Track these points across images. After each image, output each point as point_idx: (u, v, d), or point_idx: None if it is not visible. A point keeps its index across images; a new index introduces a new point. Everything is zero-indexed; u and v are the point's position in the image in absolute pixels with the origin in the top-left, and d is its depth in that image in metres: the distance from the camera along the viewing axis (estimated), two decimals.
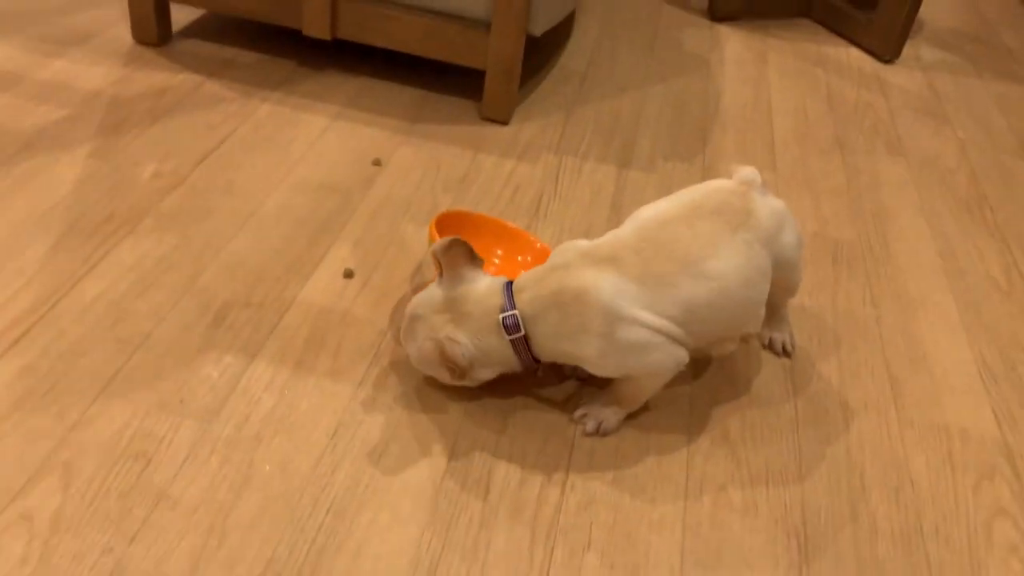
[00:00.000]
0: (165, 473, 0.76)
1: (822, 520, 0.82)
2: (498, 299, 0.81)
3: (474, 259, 0.83)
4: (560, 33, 1.68)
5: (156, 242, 1.01)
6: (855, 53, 1.81)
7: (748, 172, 0.89)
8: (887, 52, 1.77)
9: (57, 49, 1.35)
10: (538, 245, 1.01)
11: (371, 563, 0.72)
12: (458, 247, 0.82)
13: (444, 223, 0.95)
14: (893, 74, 1.74)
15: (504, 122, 1.35)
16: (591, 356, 0.80)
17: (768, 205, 0.88)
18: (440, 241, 0.82)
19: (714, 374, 0.96)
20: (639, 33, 1.74)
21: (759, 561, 0.77)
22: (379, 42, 1.33)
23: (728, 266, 0.83)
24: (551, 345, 0.81)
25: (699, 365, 0.97)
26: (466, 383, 0.84)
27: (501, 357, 0.82)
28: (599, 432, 0.86)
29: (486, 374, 0.84)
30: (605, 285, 0.78)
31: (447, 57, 1.32)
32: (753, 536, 0.80)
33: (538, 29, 1.31)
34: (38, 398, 0.81)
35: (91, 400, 0.82)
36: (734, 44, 1.76)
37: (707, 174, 1.31)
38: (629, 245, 0.82)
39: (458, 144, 1.28)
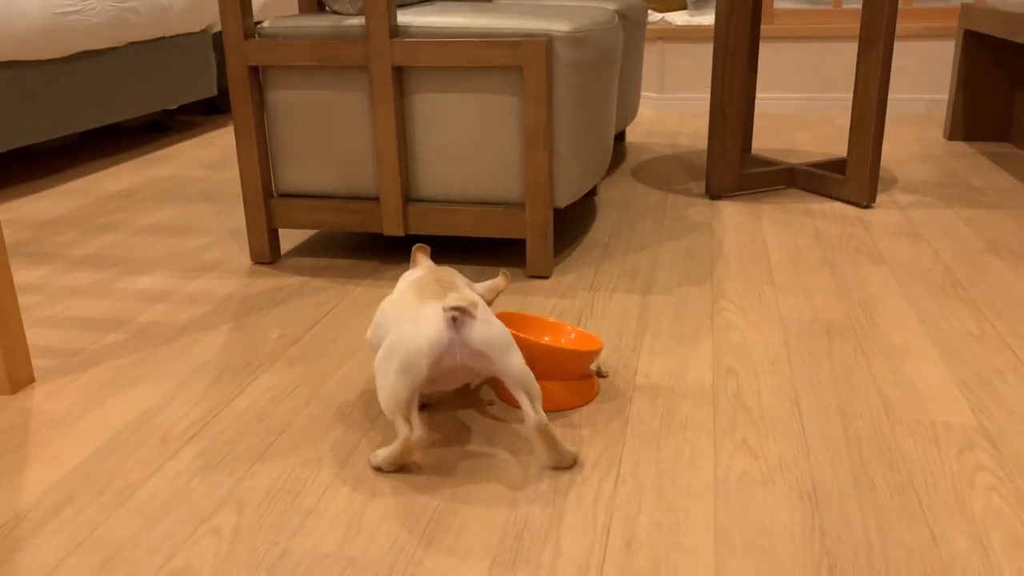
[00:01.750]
0: (312, 498, 1.01)
1: (828, 485, 1.01)
2: None
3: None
4: (585, 219, 2.05)
5: (286, 374, 1.32)
6: (837, 205, 2.14)
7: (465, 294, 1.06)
8: (864, 198, 2.10)
9: (196, 274, 1.75)
10: (568, 328, 1.29)
11: (472, 533, 0.94)
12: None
13: (502, 318, 1.24)
14: (872, 215, 2.06)
15: (546, 277, 1.68)
16: None
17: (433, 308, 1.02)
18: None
19: (733, 405, 1.19)
20: (651, 213, 2.10)
21: (780, 513, 0.97)
22: (441, 231, 1.70)
23: (389, 298, 1.13)
24: None
25: (719, 390, 1.20)
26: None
27: None
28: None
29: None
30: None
31: (495, 233, 1.68)
32: (773, 498, 0.99)
33: (562, 202, 1.68)
34: (213, 466, 1.08)
35: (251, 464, 1.08)
36: (731, 211, 2.10)
37: (715, 293, 1.59)
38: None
39: (511, 293, 1.60)
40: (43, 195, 2.38)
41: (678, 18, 3.65)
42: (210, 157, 2.83)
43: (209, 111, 3.57)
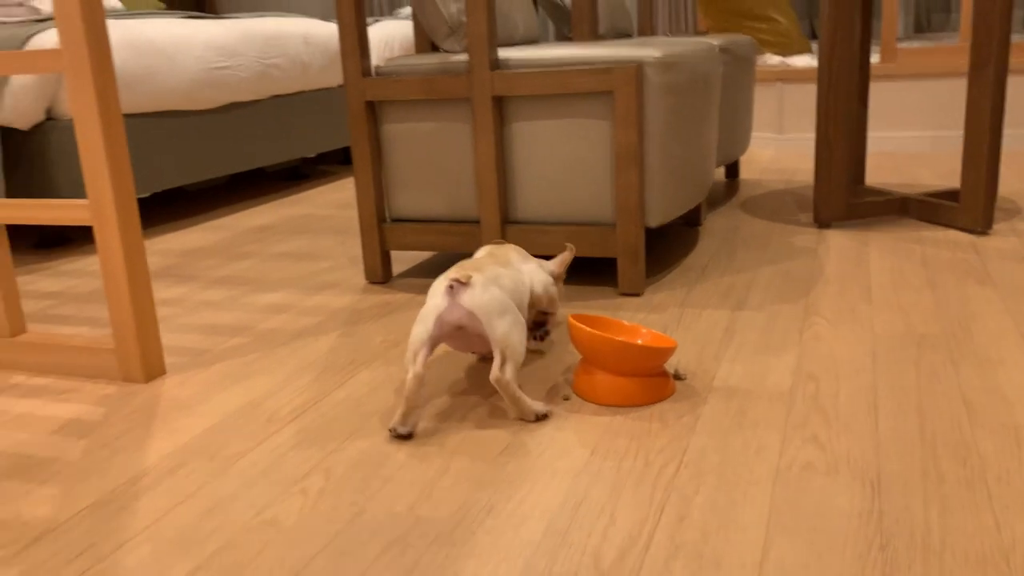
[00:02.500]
0: (392, 469, 1.10)
1: (894, 475, 1.01)
2: None
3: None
4: (686, 246, 2.08)
5: (384, 370, 1.42)
6: (951, 233, 2.08)
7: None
8: (979, 225, 2.03)
9: (315, 292, 1.90)
10: (644, 330, 1.34)
11: (532, 502, 1.00)
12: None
13: (578, 318, 1.31)
14: (987, 241, 1.99)
15: (638, 294, 1.73)
16: None
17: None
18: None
19: (808, 406, 1.20)
20: (755, 240, 2.11)
21: (839, 498, 0.97)
22: (537, 251, 1.78)
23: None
24: None
25: (797, 393, 1.21)
26: None
27: None
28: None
29: None
30: None
31: (588, 253, 1.75)
32: (835, 485, 1.00)
33: (653, 222, 1.73)
34: (308, 442, 1.19)
35: (343, 440, 1.18)
36: (838, 239, 2.09)
37: (808, 310, 1.59)
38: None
39: (601, 309, 1.66)
40: (192, 229, 2.64)
41: (799, 61, 3.65)
42: (342, 199, 3.04)
43: (345, 161, 3.84)
